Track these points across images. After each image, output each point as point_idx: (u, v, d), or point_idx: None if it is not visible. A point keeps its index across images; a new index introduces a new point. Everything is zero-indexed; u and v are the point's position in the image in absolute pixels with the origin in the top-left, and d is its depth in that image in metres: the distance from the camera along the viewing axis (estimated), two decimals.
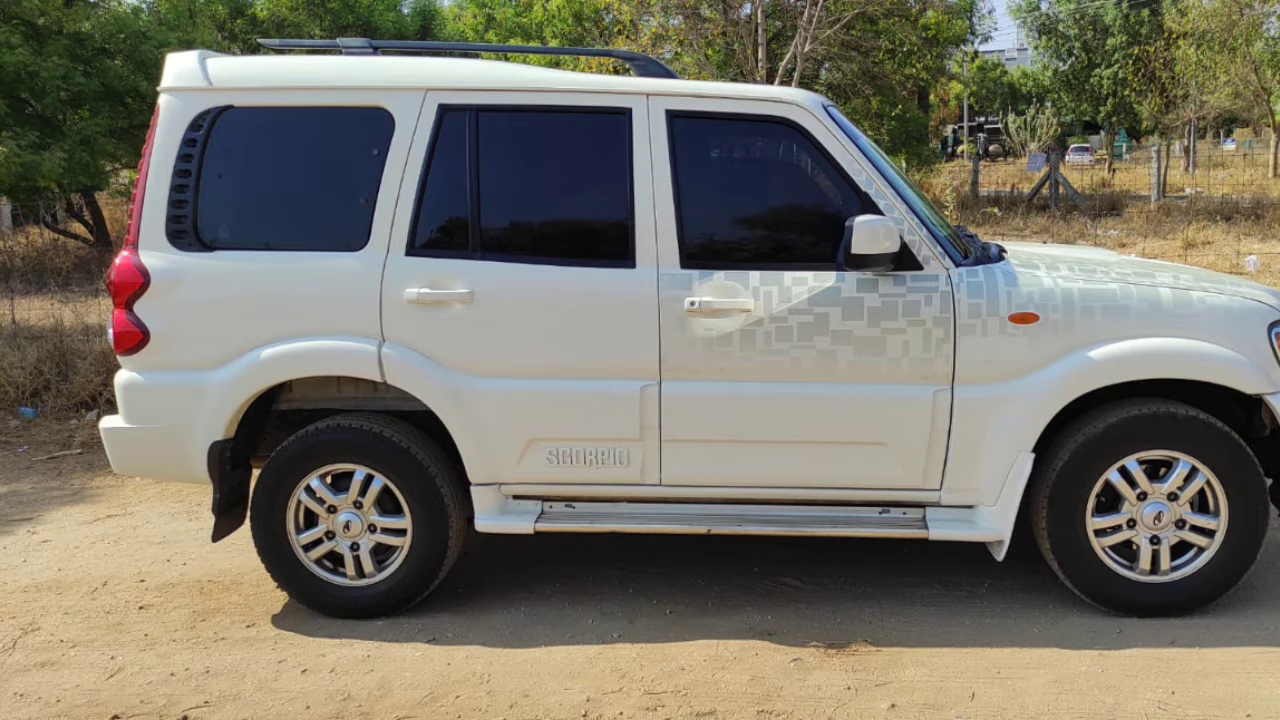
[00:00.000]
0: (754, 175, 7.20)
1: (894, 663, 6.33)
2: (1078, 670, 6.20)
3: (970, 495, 6.75)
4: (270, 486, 6.86)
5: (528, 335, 6.64)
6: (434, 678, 6.28)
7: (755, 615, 6.95)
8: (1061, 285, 6.60)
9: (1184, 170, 61.27)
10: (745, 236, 6.87)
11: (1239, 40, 53.40)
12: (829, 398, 6.60)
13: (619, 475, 6.81)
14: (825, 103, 6.88)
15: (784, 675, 6.22)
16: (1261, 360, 6.56)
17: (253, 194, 6.89)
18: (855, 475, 6.75)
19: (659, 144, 6.65)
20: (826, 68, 39.38)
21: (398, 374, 6.67)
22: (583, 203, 6.90)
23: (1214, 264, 20.60)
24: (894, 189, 6.65)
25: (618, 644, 6.63)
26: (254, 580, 7.62)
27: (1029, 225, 32.43)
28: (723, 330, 6.55)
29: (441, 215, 6.73)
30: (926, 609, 7.00)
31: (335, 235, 6.74)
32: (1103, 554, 6.72)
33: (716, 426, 6.67)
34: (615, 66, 26.24)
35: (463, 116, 6.72)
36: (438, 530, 6.83)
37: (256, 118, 6.81)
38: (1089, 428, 6.59)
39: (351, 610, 6.99)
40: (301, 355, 6.68)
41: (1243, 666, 6.21)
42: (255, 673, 6.40)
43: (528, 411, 6.71)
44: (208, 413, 6.76)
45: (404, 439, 6.77)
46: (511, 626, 6.88)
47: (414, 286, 6.62)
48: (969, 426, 6.60)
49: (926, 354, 6.52)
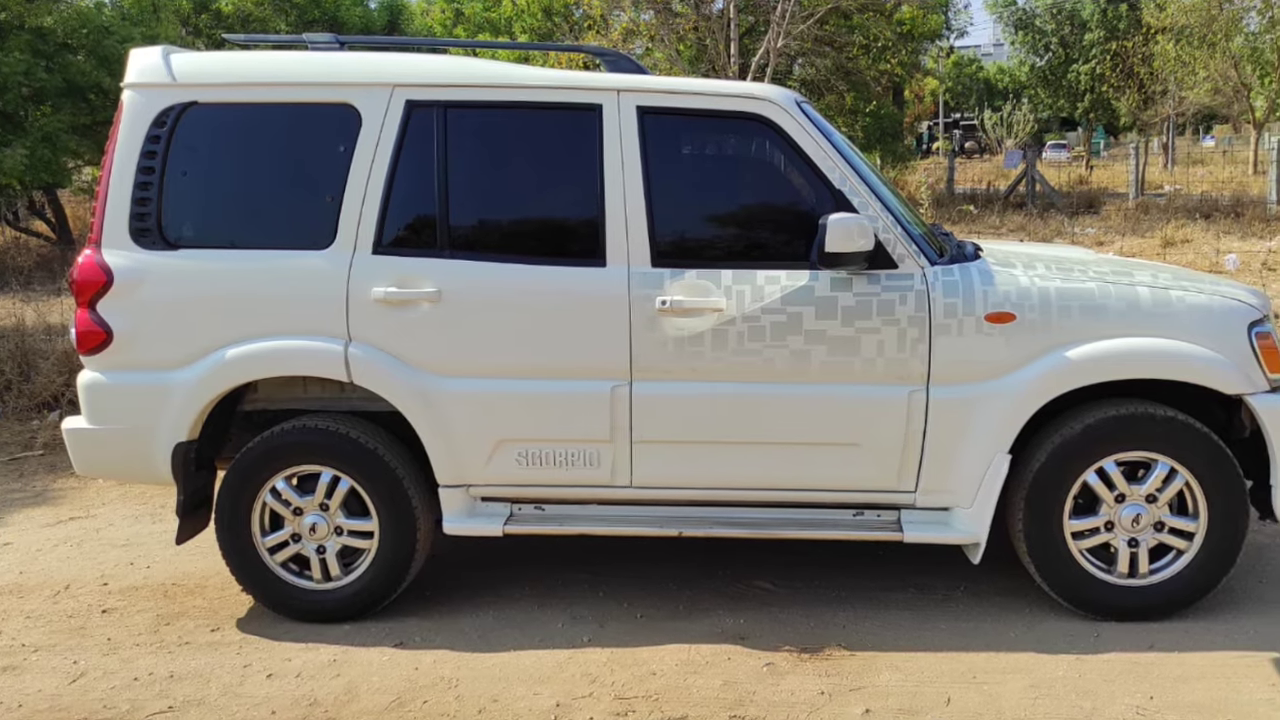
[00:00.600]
0: (726, 172, 7.33)
1: (868, 667, 6.44)
2: (1055, 675, 6.30)
3: (946, 497, 6.87)
4: (235, 488, 6.97)
5: (496, 335, 6.75)
6: (401, 682, 6.38)
7: (727, 619, 7.07)
8: (1038, 284, 6.72)
9: (1162, 167, 61.48)
10: (717, 235, 7.00)
11: (1218, 35, 53.62)
12: (802, 398, 6.72)
13: (589, 477, 6.93)
14: (798, 99, 7.02)
15: (756, 680, 6.33)
16: (1241, 360, 6.67)
17: (217, 192, 7.00)
18: (829, 477, 6.87)
19: (630, 141, 6.76)
20: (800, 63, 39.53)
21: (364, 374, 6.79)
22: (552, 200, 7.02)
23: (1193, 262, 20.81)
24: (868, 186, 6.78)
25: (588, 648, 6.73)
26: (219, 583, 7.73)
27: (1005, 223, 32.63)
28: (694, 330, 6.66)
29: (409, 213, 6.84)
30: (901, 612, 7.12)
31: (301, 233, 6.85)
32: (1080, 557, 6.84)
33: (688, 427, 6.79)
34: (585, 62, 26.30)
35: (430, 113, 6.83)
36: (405, 533, 6.95)
37: (221, 114, 6.92)
38: (1066, 429, 6.71)
39: (318, 614, 7.10)
40: (267, 355, 6.79)
41: (1222, 671, 6.31)
42: (220, 677, 6.51)
43: (496, 412, 6.82)
44: (172, 413, 6.87)
45: (371, 440, 6.89)
46: (480, 630, 6.99)
47: (381, 285, 6.73)
48: (944, 427, 6.72)
49: (901, 354, 6.63)
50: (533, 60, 33.87)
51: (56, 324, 15.19)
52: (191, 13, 43.01)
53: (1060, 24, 75.40)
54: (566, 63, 27.75)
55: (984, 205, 38.38)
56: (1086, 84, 73.90)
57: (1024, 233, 30.06)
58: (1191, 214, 32.06)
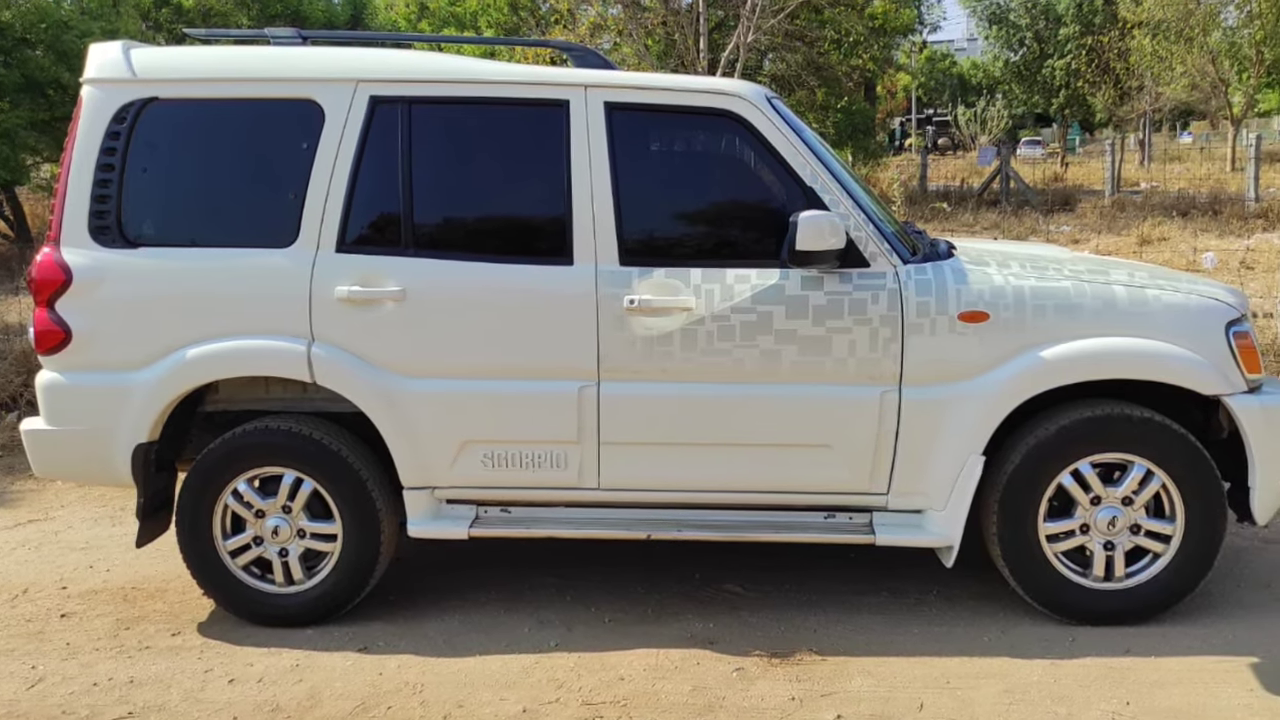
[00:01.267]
0: (695, 169, 7.47)
1: (840, 672, 6.54)
2: (1029, 680, 6.41)
3: (918, 499, 6.99)
4: (196, 490, 7.09)
5: (461, 334, 6.86)
6: (365, 688, 6.49)
7: (696, 623, 7.19)
8: (1013, 283, 6.83)
9: (1139, 164, 61.39)
10: (686, 233, 7.11)
11: (1196, 30, 53.67)
12: (773, 399, 6.84)
13: (556, 479, 7.04)
14: (769, 94, 7.13)
15: (726, 685, 6.43)
16: (1219, 360, 6.78)
17: (178, 189, 7.12)
18: (800, 479, 6.99)
19: (597, 137, 6.88)
20: (770, 58, 39.59)
21: (327, 374, 6.91)
22: (519, 198, 7.12)
23: (1170, 261, 20.88)
24: (839, 183, 6.89)
25: (555, 653, 6.84)
26: (179, 587, 7.87)
27: (979, 221, 32.77)
28: (663, 329, 6.78)
29: (373, 211, 6.96)
30: (873, 617, 7.25)
31: (263, 231, 6.96)
32: (1055, 560, 6.95)
33: (657, 429, 6.91)
34: (552, 57, 26.37)
35: (395, 109, 6.95)
36: (369, 535, 7.07)
37: (182, 110, 7.04)
38: (1041, 430, 6.83)
39: (280, 618, 7.22)
40: (228, 355, 6.90)
41: (1199, 676, 6.41)
42: (181, 683, 6.61)
43: (462, 413, 6.95)
44: (132, 414, 6.99)
45: (334, 441, 7.03)
46: (445, 635, 7.11)
47: (344, 284, 6.85)
48: (917, 429, 6.84)
49: (873, 354, 6.75)
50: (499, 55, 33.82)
51: (15, 323, 15.32)
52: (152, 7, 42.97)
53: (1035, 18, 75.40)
54: (533, 58, 27.84)
55: (957, 203, 38.57)
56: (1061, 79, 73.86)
57: (998, 231, 30.26)
58: (1168, 211, 32.23)
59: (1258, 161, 33.02)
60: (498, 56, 33.97)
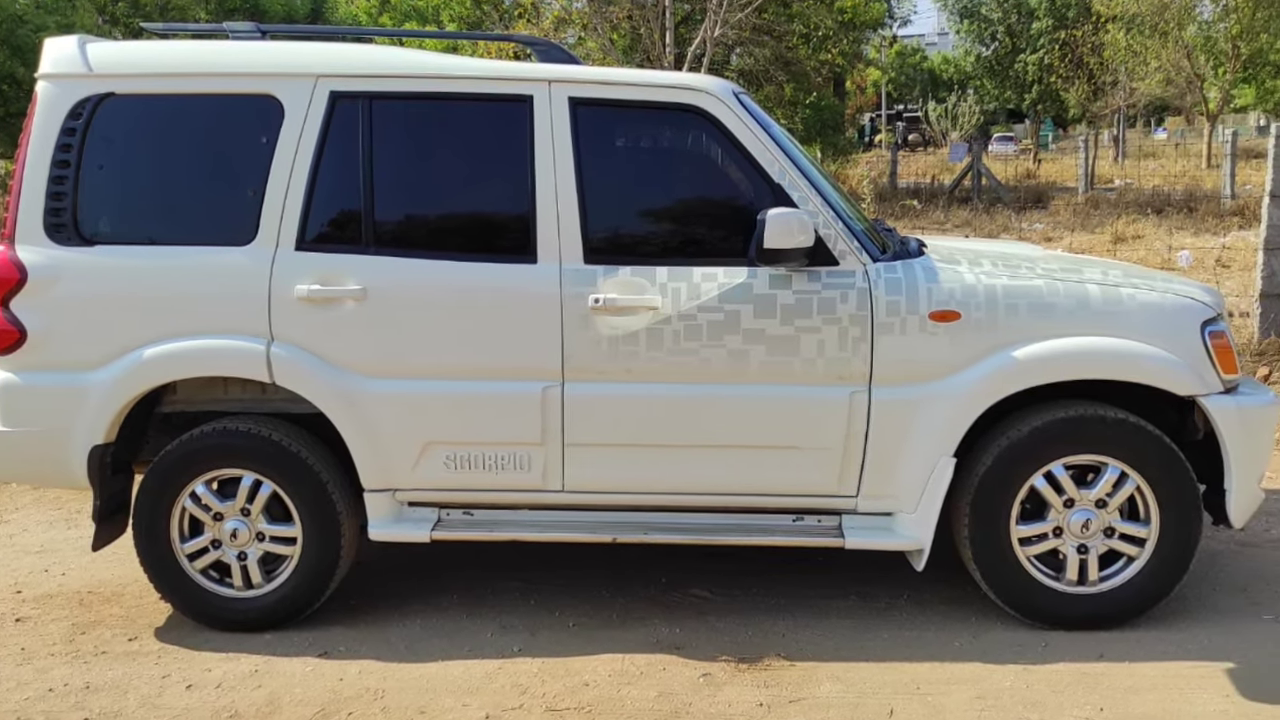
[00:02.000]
0: (662, 166, 7.33)
1: (808, 678, 6.39)
2: (1001, 686, 6.27)
3: (889, 502, 6.82)
4: (153, 493, 6.90)
5: (423, 334, 6.70)
6: (325, 694, 6.33)
7: (663, 628, 7.02)
8: (984, 281, 6.68)
9: (1113, 161, 61.56)
10: (652, 230, 6.98)
11: (1170, 24, 53.74)
12: (740, 400, 6.67)
13: (519, 481, 6.87)
14: (736, 90, 6.97)
15: (693, 691, 6.28)
16: (1194, 360, 6.63)
17: (135, 186, 6.94)
18: (768, 481, 6.82)
19: (561, 133, 6.71)
20: (737, 53, 39.65)
21: (287, 375, 6.73)
22: (482, 195, 6.98)
23: (1144, 259, 20.68)
24: (808, 180, 6.73)
25: (518, 658, 6.68)
26: (136, 591, 7.66)
27: (950, 218, 32.77)
28: (629, 329, 6.62)
29: (333, 208, 6.79)
30: (843, 621, 7.08)
31: (222, 229, 6.78)
32: (1028, 564, 6.79)
33: (622, 430, 6.75)
34: (516, 52, 26.25)
35: (355, 105, 6.78)
36: (329, 539, 6.89)
37: (139, 106, 6.86)
38: (1013, 431, 6.67)
39: (239, 623, 7.03)
40: (186, 355, 6.72)
41: (1174, 682, 6.27)
42: (138, 688, 6.44)
43: (423, 414, 6.77)
44: (88, 415, 6.79)
45: (294, 443, 6.84)
46: (407, 640, 6.93)
47: (304, 283, 6.67)
48: (887, 430, 6.67)
49: (842, 354, 6.59)
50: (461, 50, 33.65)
51: None
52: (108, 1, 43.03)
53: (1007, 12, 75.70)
54: (496, 52, 27.62)
55: (928, 200, 38.54)
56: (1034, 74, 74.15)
57: (969, 228, 30.30)
58: (1143, 209, 32.17)
59: (1234, 158, 32.90)
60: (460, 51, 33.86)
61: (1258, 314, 13.26)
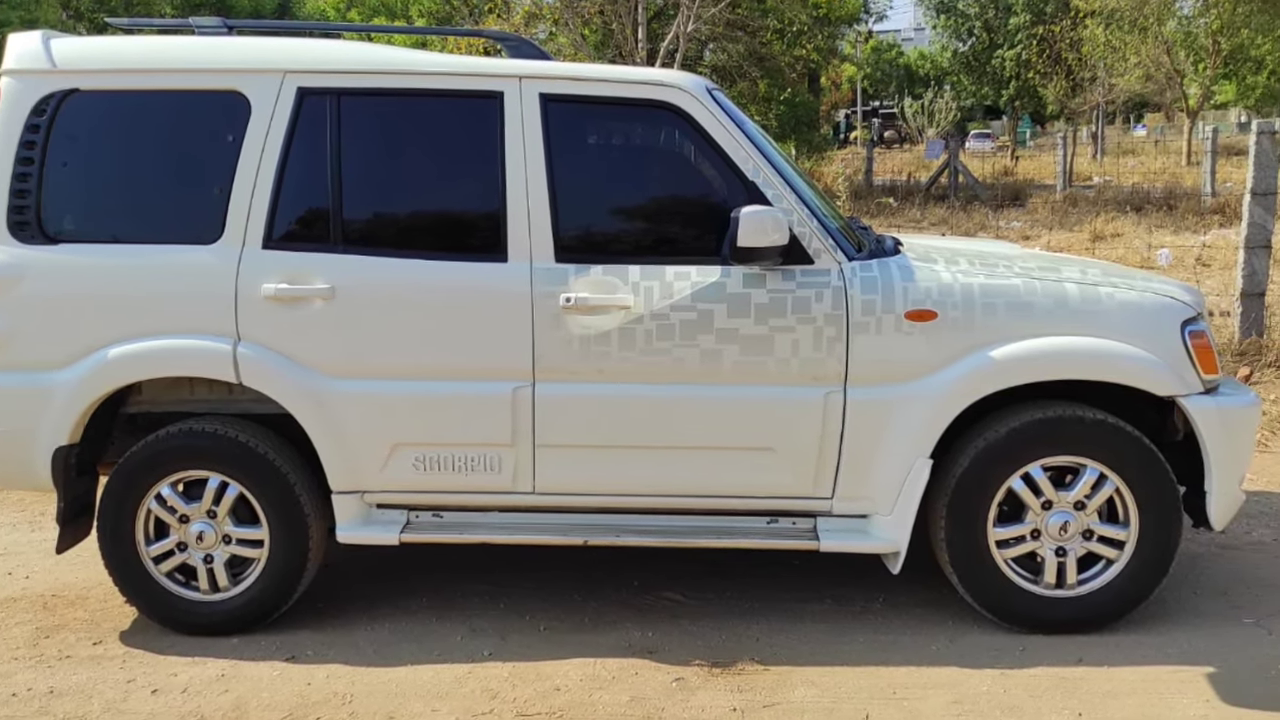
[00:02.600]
0: (634, 163, 7.20)
1: (783, 682, 6.26)
2: (979, 690, 6.14)
3: (864, 504, 6.68)
4: (118, 495, 6.73)
5: (392, 333, 6.55)
6: (293, 698, 6.18)
7: (635, 632, 6.87)
8: (961, 280, 6.54)
9: (1091, 158, 61.77)
10: (625, 229, 6.85)
11: (1150, 19, 53.66)
12: (713, 400, 6.53)
13: (489, 483, 6.72)
14: (709, 86, 6.83)
15: (665, 696, 6.15)
16: (1174, 360, 6.49)
17: (100, 183, 6.78)
18: (742, 483, 6.68)
19: (532, 130, 6.56)
20: (711, 49, 39.71)
21: (254, 375, 6.57)
22: (451, 193, 6.83)
23: (1124, 257, 20.58)
24: (783, 178, 6.59)
25: (488, 662, 6.53)
26: (101, 594, 7.48)
27: (927, 216, 32.64)
28: (600, 328, 6.47)
29: (300, 206, 6.63)
30: (817, 625, 6.93)
31: (188, 227, 6.62)
32: (1005, 566, 6.65)
33: (594, 431, 6.60)
34: (486, 47, 26.08)
35: (323, 101, 6.62)
36: (296, 541, 6.73)
37: (104, 102, 6.70)
38: (990, 432, 6.53)
39: (205, 626, 6.87)
40: (151, 355, 6.56)
41: (1154, 686, 6.15)
42: (103, 693, 6.29)
43: (392, 415, 6.62)
44: (52, 416, 6.64)
45: (261, 444, 6.67)
46: (375, 644, 6.77)
47: (271, 282, 6.51)
48: (863, 431, 6.53)
49: (817, 354, 6.44)
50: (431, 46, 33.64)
51: None
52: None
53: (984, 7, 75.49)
54: (466, 48, 27.50)
55: (904, 198, 38.42)
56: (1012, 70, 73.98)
57: (946, 226, 30.14)
58: (1122, 207, 31.89)
59: (1214, 155, 32.75)
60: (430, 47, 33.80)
61: (1238, 313, 13.07)
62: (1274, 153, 12.56)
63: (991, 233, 27.75)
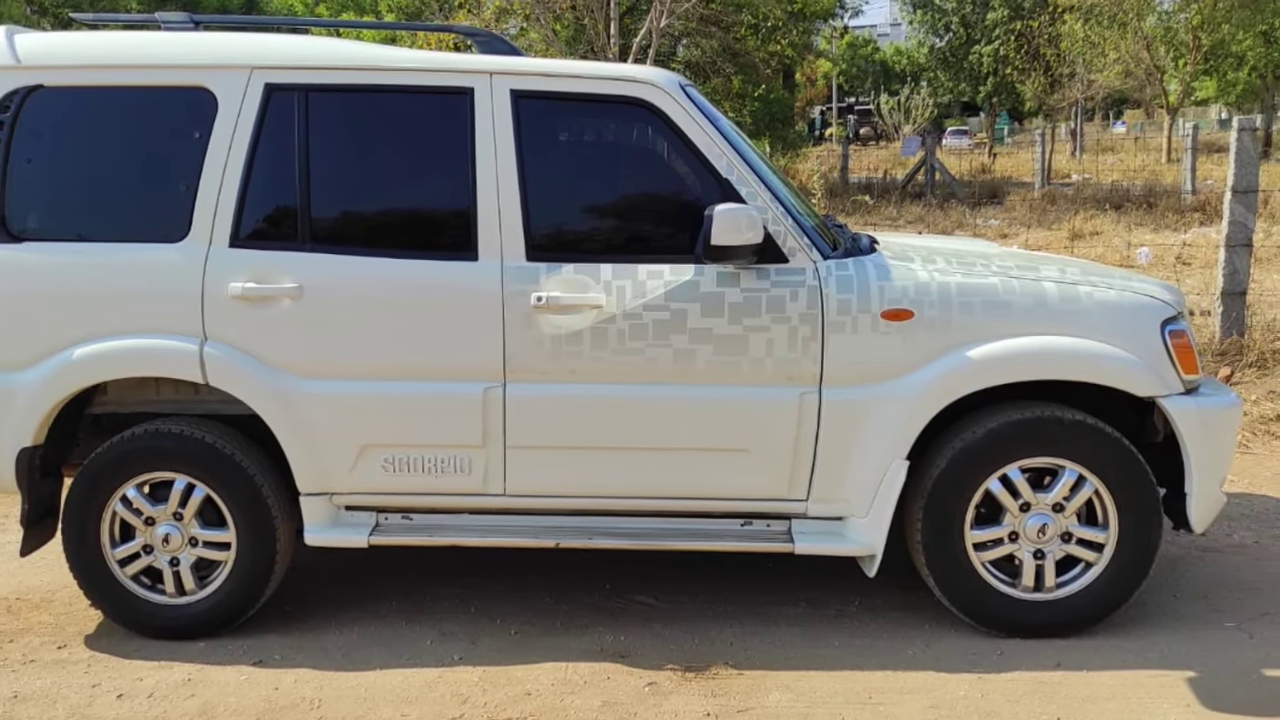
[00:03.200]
0: (606, 161, 7.06)
1: (757, 687, 6.13)
2: (955, 695, 6.02)
3: (839, 506, 6.54)
4: (83, 497, 6.57)
5: (361, 333, 6.39)
6: (260, 703, 6.03)
7: (607, 636, 6.73)
8: (938, 279, 6.40)
9: (1070, 155, 61.62)
10: (597, 227, 6.69)
11: (1129, 14, 53.42)
12: (687, 401, 6.39)
13: (460, 485, 6.57)
14: (683, 82, 6.69)
15: (638, 700, 6.02)
16: (1154, 360, 6.36)
17: (65, 181, 6.61)
18: (715, 485, 6.54)
19: (503, 127, 6.42)
20: (684, 44, 39.66)
21: (221, 375, 6.41)
22: (421, 190, 6.67)
23: (1103, 256, 20.52)
24: (757, 175, 6.45)
25: (459, 667, 6.39)
26: (66, 598, 7.32)
27: (903, 214, 32.45)
28: (572, 328, 6.33)
29: (268, 204, 6.47)
30: (792, 629, 6.78)
31: (154, 225, 6.47)
32: (983, 569, 6.51)
33: (565, 432, 6.46)
34: (456, 43, 26.06)
35: (291, 97, 6.46)
36: (264, 544, 6.57)
37: (69, 98, 6.55)
38: (967, 433, 6.39)
39: (171, 630, 6.72)
40: (117, 355, 6.40)
41: (1134, 691, 6.04)
42: (67, 698, 6.14)
43: (361, 416, 6.46)
44: (16, 417, 6.48)
45: (228, 445, 6.51)
46: (344, 648, 6.62)
47: (238, 281, 6.34)
48: (838, 432, 6.39)
49: (792, 353, 6.30)
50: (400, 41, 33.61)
51: None
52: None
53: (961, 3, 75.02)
54: (436, 44, 27.48)
55: (880, 195, 38.15)
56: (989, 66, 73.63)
57: (923, 224, 29.93)
58: (1101, 204, 31.63)
59: (1195, 152, 32.54)
60: (399, 42, 33.70)
61: (1219, 312, 12.88)
62: (1255, 150, 12.41)
63: (969, 231, 27.56)
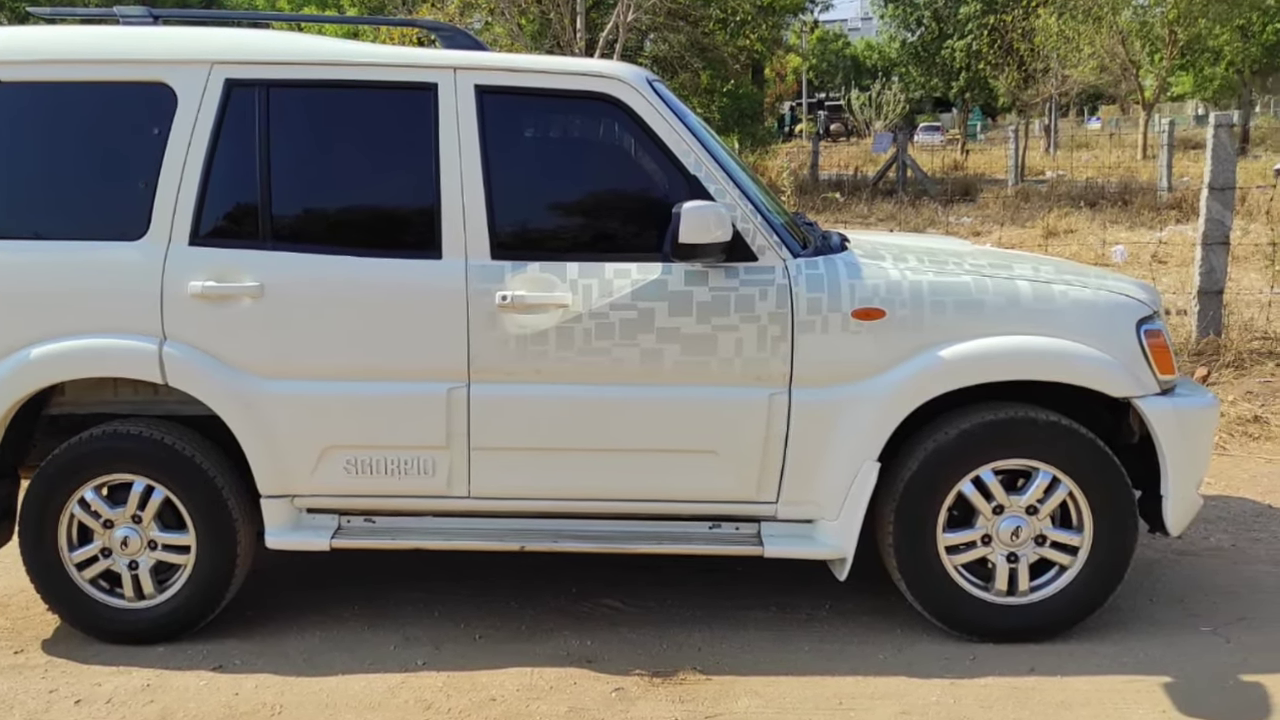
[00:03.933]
0: (572, 157, 6.89)
1: (725, 693, 5.98)
2: (927, 701, 5.88)
3: (809, 509, 6.38)
4: (40, 499, 6.39)
5: (323, 333, 6.22)
6: (220, 709, 5.87)
7: (573, 640, 6.56)
8: (910, 278, 6.24)
9: (1044, 151, 61.20)
10: (563, 225, 6.53)
11: (1105, 8, 53.04)
12: (654, 401, 6.23)
13: (423, 487, 6.41)
14: (650, 77, 6.52)
15: (605, 706, 5.87)
16: (1129, 360, 6.20)
17: (21, 178, 6.44)
18: (683, 486, 6.37)
19: (467, 123, 6.24)
20: (651, 39, 39.51)
21: (180, 375, 6.22)
22: (384, 188, 6.50)
23: (1077, 254, 20.32)
24: (726, 172, 6.27)
25: (422, 672, 6.23)
26: (22, 602, 7.14)
27: (874, 212, 32.27)
28: (538, 327, 6.16)
29: (228, 201, 6.30)
30: (761, 634, 6.61)
31: (112, 223, 6.30)
32: (955, 573, 6.35)
33: (531, 433, 6.29)
34: (420, 38, 25.92)
35: (252, 93, 6.28)
36: (224, 547, 6.40)
37: (25, 94, 6.37)
38: (940, 435, 6.23)
39: (130, 635, 6.53)
40: (74, 355, 6.22)
41: (1109, 696, 5.91)
42: (24, 703, 5.97)
43: (323, 416, 6.29)
44: None
45: (187, 447, 6.32)
46: (306, 653, 6.44)
47: (198, 279, 6.16)
48: (808, 433, 6.23)
49: (761, 353, 6.14)
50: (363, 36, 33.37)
51: None
52: None
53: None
54: (399, 39, 27.34)
55: (851, 192, 37.82)
56: (962, 61, 73.66)
57: (894, 222, 29.70)
58: (1076, 202, 31.42)
59: (1171, 149, 32.46)
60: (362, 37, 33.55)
61: (1195, 312, 12.71)
62: (1232, 146, 12.27)
63: (941, 229, 27.31)
